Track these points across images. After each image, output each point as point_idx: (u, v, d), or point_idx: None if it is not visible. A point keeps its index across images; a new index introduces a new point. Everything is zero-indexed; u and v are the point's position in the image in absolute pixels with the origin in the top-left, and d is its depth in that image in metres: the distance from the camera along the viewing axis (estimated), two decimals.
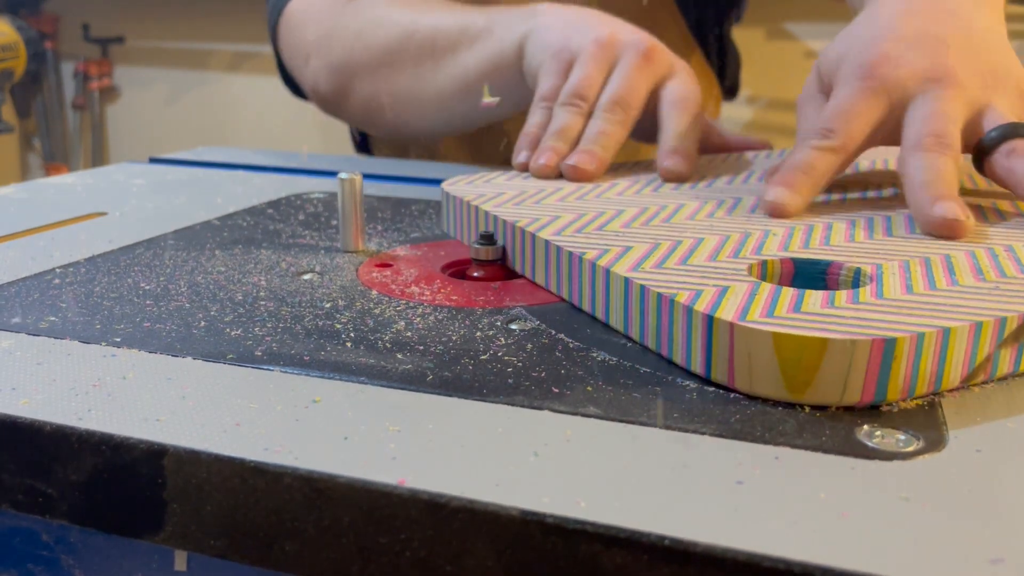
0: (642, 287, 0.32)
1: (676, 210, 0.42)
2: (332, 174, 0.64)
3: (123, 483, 0.26)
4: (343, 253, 0.44)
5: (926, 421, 0.27)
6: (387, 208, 0.54)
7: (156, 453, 0.25)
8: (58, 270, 0.41)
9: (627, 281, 0.33)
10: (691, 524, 0.21)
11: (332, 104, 0.73)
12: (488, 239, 0.41)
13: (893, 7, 0.45)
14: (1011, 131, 0.40)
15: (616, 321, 0.34)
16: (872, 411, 0.27)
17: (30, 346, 0.32)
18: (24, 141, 2.67)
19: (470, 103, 0.64)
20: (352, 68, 0.68)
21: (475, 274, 0.41)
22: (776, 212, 0.40)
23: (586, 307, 0.36)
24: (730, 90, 0.90)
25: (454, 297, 0.38)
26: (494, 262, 0.41)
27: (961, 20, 0.44)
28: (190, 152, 0.75)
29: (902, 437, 0.26)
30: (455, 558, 0.23)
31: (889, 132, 0.42)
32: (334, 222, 0.50)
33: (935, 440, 0.25)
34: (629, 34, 0.54)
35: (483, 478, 0.23)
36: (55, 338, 0.33)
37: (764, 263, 0.34)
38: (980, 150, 0.41)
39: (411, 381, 0.29)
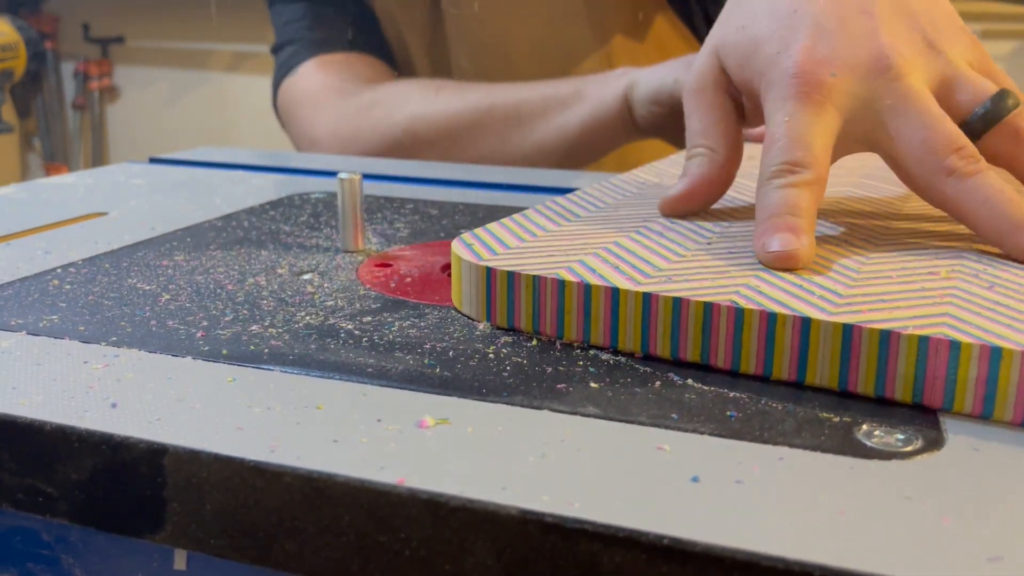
0: None
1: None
2: (332, 174, 0.64)
3: (123, 482, 0.26)
4: (343, 253, 0.44)
5: (925, 420, 0.27)
6: (387, 208, 0.54)
7: (156, 452, 0.25)
8: (58, 270, 0.41)
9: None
10: (690, 523, 0.21)
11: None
12: None
13: None
14: (997, 109, 0.35)
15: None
16: (871, 410, 0.27)
17: (30, 346, 0.32)
18: (24, 141, 2.67)
19: (564, 156, 0.72)
20: (407, 145, 0.76)
21: None
22: (788, 262, 0.33)
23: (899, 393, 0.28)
24: None
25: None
26: None
27: None
28: (190, 152, 0.75)
29: (901, 436, 0.26)
30: (455, 557, 0.23)
31: (850, 141, 0.37)
32: (334, 222, 0.50)
33: (934, 439, 0.25)
34: None
35: (482, 477, 0.23)
36: (55, 338, 0.33)
37: None
38: (970, 133, 0.36)
39: (411, 381, 0.29)
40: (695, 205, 0.41)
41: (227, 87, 2.39)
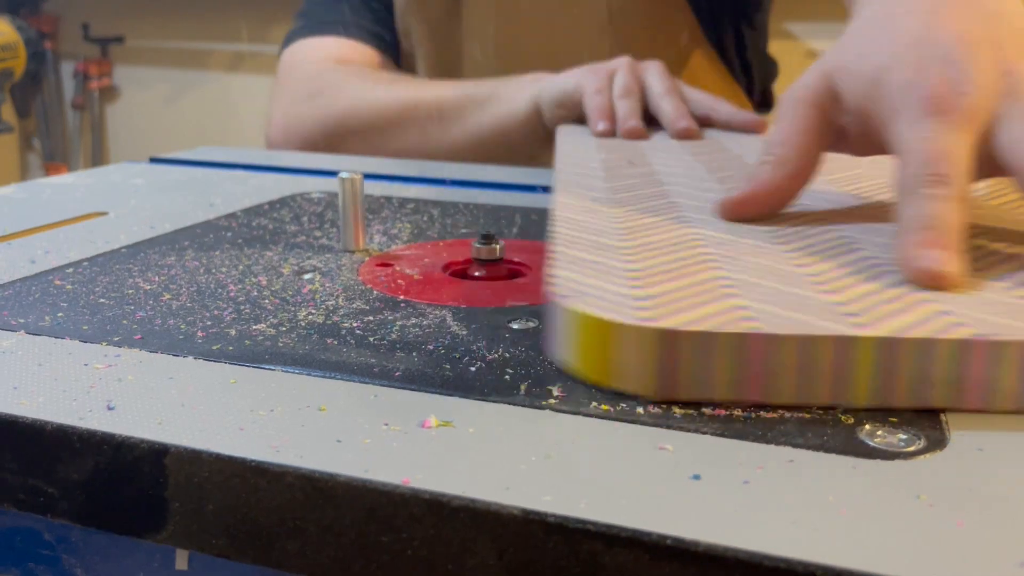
0: None
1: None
2: (332, 174, 0.64)
3: (125, 482, 0.26)
4: (344, 252, 0.44)
5: (927, 421, 0.27)
6: (388, 208, 0.54)
7: (158, 452, 0.25)
8: (58, 270, 0.41)
9: None
10: (693, 523, 0.21)
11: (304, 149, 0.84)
12: (488, 238, 0.41)
13: (909, 5, 0.39)
14: None
15: None
16: (874, 411, 0.27)
17: (31, 346, 0.32)
18: (24, 141, 2.67)
19: (480, 154, 0.77)
20: (341, 135, 0.81)
21: (476, 274, 0.41)
22: (938, 282, 0.31)
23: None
24: (761, 102, 0.92)
25: (455, 297, 0.38)
26: (495, 262, 0.41)
27: (989, 11, 0.38)
28: (190, 152, 0.75)
29: (903, 437, 0.25)
30: (456, 557, 0.23)
31: (981, 159, 0.36)
32: (335, 222, 0.50)
33: (937, 439, 0.25)
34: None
35: (484, 477, 0.23)
36: (56, 338, 0.33)
37: None
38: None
39: (412, 380, 0.29)
40: (755, 210, 0.40)
41: (227, 87, 2.39)
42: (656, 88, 0.69)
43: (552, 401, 0.28)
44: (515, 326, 0.34)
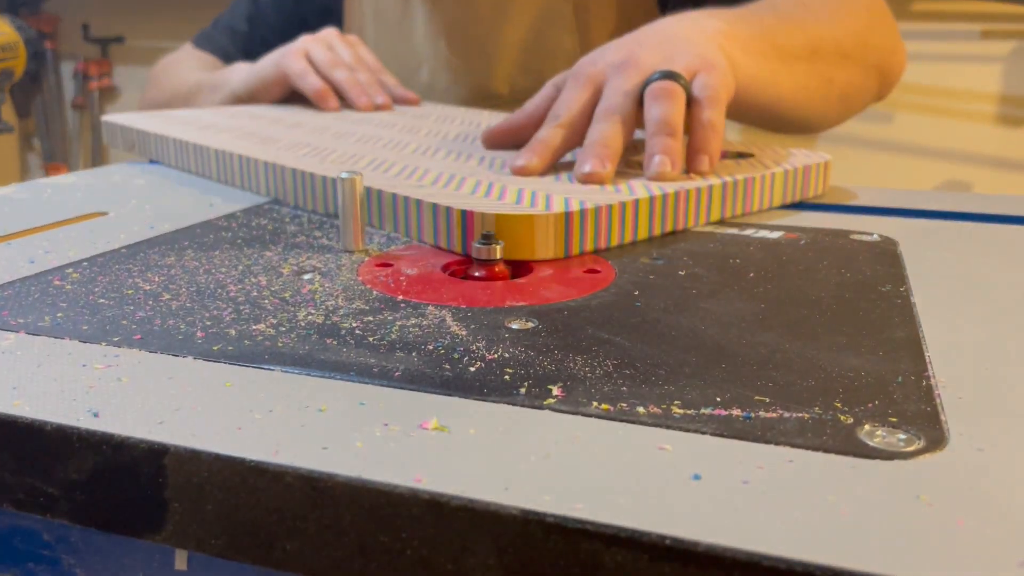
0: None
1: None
2: None
3: (124, 482, 0.26)
4: (344, 253, 0.44)
5: (926, 420, 0.27)
6: None
7: (157, 452, 0.25)
8: (58, 270, 0.41)
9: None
10: (692, 523, 0.21)
11: None
12: (488, 238, 0.41)
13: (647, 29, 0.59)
14: (664, 76, 0.52)
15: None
16: (873, 410, 0.27)
17: (30, 346, 0.32)
18: (24, 141, 2.67)
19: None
20: (167, 100, 1.00)
21: (476, 274, 0.41)
22: (522, 172, 0.52)
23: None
24: None
25: (455, 297, 0.38)
26: (495, 262, 0.41)
27: (659, 30, 0.58)
28: None
29: (903, 436, 0.25)
30: (456, 557, 0.23)
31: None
32: (335, 222, 0.50)
33: (936, 439, 0.25)
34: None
35: (483, 477, 0.23)
36: (55, 338, 0.33)
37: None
38: (643, 94, 0.53)
39: (411, 381, 0.29)
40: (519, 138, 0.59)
41: None
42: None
43: (551, 401, 0.28)
44: (514, 326, 0.34)
